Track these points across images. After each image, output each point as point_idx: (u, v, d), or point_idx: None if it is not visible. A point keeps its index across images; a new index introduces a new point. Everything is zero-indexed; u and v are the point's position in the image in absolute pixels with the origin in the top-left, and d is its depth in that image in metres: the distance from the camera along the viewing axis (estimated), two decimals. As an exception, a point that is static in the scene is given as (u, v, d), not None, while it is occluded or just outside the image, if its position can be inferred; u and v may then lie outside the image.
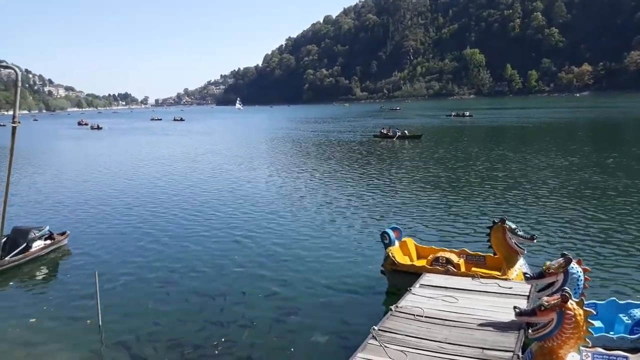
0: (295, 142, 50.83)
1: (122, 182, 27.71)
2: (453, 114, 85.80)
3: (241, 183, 25.95)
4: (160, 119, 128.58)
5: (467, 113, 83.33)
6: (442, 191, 21.81)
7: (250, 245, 14.72)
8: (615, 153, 30.89)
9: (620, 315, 7.84)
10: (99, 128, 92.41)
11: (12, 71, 7.58)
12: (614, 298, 8.28)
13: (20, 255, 13.59)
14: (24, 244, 13.78)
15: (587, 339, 6.24)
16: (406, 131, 49.08)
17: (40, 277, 13.22)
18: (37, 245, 14.22)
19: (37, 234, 14.29)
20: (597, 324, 7.17)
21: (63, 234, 15.31)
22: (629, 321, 7.59)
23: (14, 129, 7.67)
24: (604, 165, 26.59)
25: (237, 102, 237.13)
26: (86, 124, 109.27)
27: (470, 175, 25.31)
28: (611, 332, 7.51)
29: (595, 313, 6.51)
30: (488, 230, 10.33)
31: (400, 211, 18.19)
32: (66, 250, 14.95)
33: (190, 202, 21.48)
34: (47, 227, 15.00)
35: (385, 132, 49.53)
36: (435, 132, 57.26)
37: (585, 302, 6.43)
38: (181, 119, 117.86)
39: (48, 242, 14.62)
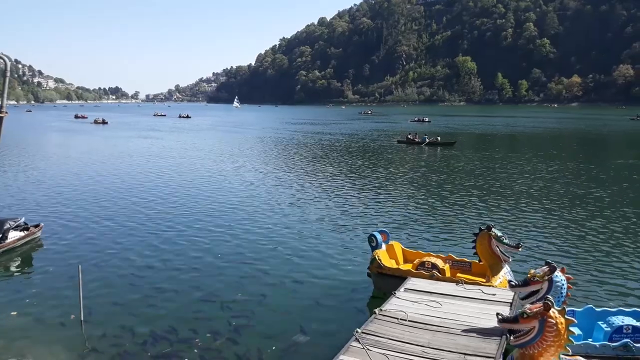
0: (297, 144, 50.35)
1: (109, 178, 27.51)
2: (415, 119, 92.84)
3: (231, 182, 25.87)
4: (164, 115, 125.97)
5: (427, 119, 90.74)
6: (431, 196, 21.91)
7: (237, 243, 14.68)
8: (596, 164, 31.47)
9: (599, 322, 7.95)
10: (104, 122, 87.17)
11: (1, 60, 7.46)
12: (591, 305, 8.39)
13: None
14: (0, 235, 13.64)
15: (567, 347, 6.32)
16: (438, 138, 46.40)
17: (17, 269, 13.09)
18: (13, 236, 14.06)
19: (12, 225, 14.14)
20: (576, 331, 7.27)
21: (37, 226, 15.15)
22: (608, 329, 7.69)
23: (0, 119, 7.55)
24: (586, 175, 26.99)
25: (235, 100, 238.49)
26: (84, 117, 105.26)
27: (459, 182, 25.47)
28: (590, 339, 7.61)
29: (576, 322, 6.59)
30: (474, 237, 10.41)
31: (389, 215, 18.25)
32: (40, 243, 14.83)
33: (180, 198, 21.36)
34: (23, 219, 14.86)
35: (411, 137, 46.89)
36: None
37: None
38: (187, 116, 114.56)
39: (23, 233, 14.44)
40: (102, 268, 12.57)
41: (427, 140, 45.51)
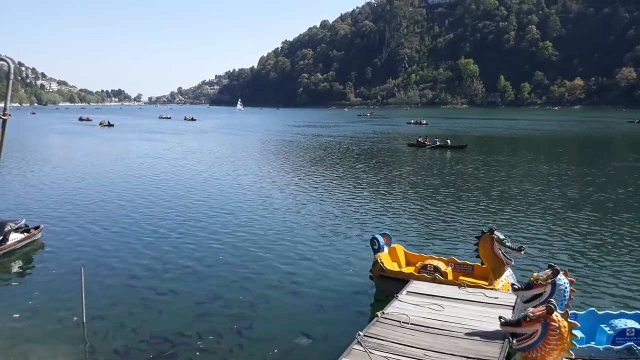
0: (299, 146, 50.43)
1: (111, 181, 27.53)
2: (412, 121, 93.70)
3: (235, 185, 25.84)
4: (169, 118, 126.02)
5: (424, 121, 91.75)
6: (434, 199, 21.87)
7: (238, 246, 14.66)
8: (598, 168, 31.39)
9: (601, 325, 7.92)
10: (109, 125, 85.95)
11: (5, 63, 7.50)
12: (594, 308, 8.36)
13: None
14: (1, 237, 13.68)
15: (570, 351, 6.29)
16: (448, 141, 46.05)
17: (19, 271, 13.11)
18: (14, 238, 14.09)
19: (13, 227, 14.17)
20: (579, 334, 7.26)
21: (37, 228, 15.19)
22: (611, 332, 7.66)
23: (4, 121, 7.58)
24: (589, 179, 26.92)
25: (239, 103, 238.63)
26: (89, 120, 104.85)
27: (461, 185, 25.42)
28: (592, 343, 7.58)
29: (579, 325, 6.56)
30: (476, 240, 10.38)
31: (391, 217, 18.23)
32: (40, 245, 14.84)
33: (183, 201, 21.34)
34: (24, 220, 14.89)
35: (421, 140, 46.28)
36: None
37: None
38: (192, 119, 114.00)
39: (23, 235, 14.48)
40: (103, 270, 12.57)
41: (438, 143, 45.34)
